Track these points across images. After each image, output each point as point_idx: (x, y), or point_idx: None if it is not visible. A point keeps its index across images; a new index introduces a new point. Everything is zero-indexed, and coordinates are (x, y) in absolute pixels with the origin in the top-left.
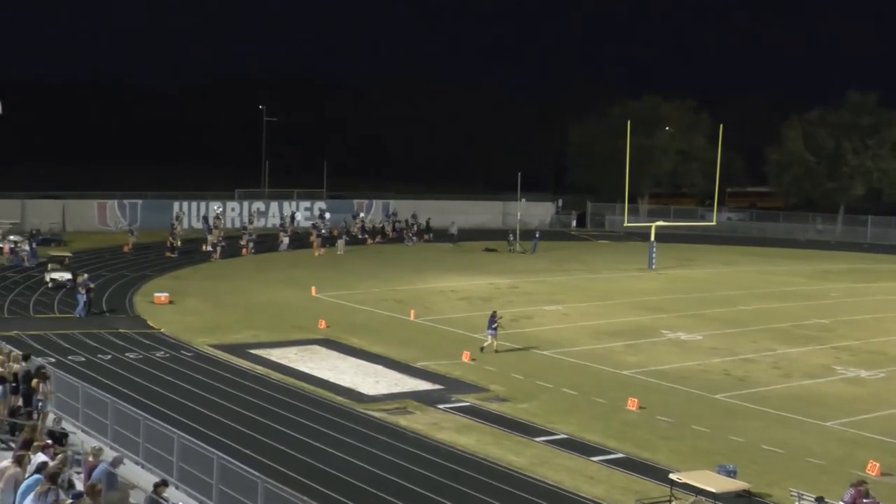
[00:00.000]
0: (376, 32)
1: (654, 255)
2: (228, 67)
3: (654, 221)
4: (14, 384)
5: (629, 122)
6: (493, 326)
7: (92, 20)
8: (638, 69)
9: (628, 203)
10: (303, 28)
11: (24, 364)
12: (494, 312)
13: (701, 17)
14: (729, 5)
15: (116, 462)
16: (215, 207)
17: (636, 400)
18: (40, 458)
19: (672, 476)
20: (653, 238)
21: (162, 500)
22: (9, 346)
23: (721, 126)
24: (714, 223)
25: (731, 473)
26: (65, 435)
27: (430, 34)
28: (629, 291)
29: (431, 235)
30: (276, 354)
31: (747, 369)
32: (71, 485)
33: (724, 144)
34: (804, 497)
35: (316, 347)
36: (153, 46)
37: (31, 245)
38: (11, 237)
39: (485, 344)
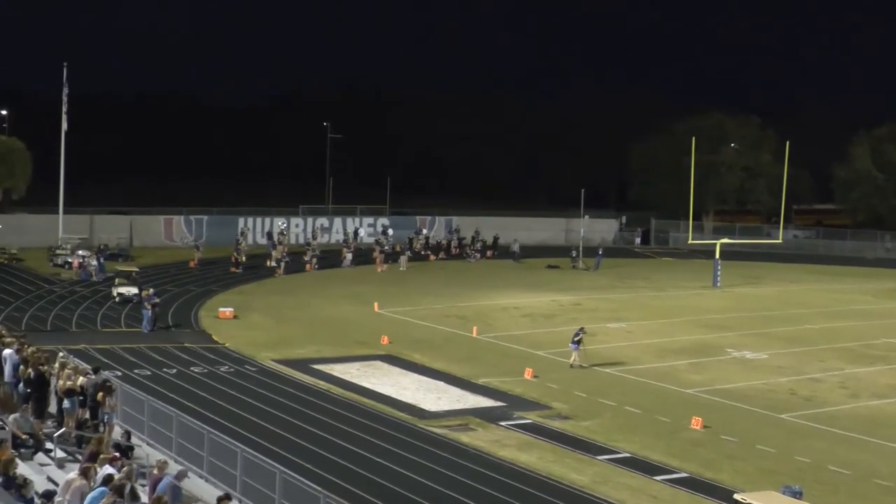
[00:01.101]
0: (439, 49)
1: (718, 273)
2: (294, 84)
3: (718, 239)
4: (81, 397)
5: (694, 138)
6: (576, 340)
7: (157, 38)
8: (702, 85)
9: (693, 220)
10: (367, 45)
11: (91, 377)
12: (582, 328)
13: (766, 33)
14: (793, 21)
15: (181, 475)
16: (279, 223)
17: (700, 419)
18: (106, 470)
19: (737, 496)
20: (717, 255)
21: None
22: (76, 360)
23: (787, 143)
24: (780, 241)
25: (797, 494)
26: (130, 448)
27: (492, 50)
28: (693, 309)
29: (496, 252)
30: (338, 370)
31: (814, 389)
32: (136, 497)
33: (790, 161)
34: None
35: (378, 363)
36: (219, 62)
37: (98, 260)
38: (80, 252)
39: (571, 360)
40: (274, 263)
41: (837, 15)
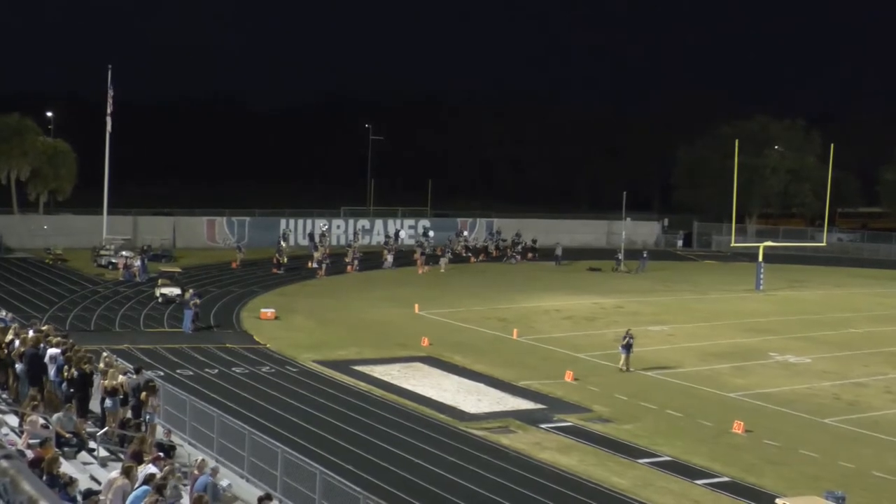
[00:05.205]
0: (485, 53)
1: (761, 276)
2: (337, 86)
3: (762, 242)
4: (122, 396)
5: (737, 141)
6: (626, 344)
7: (201, 42)
8: (747, 88)
9: (736, 223)
10: (409, 48)
11: (134, 377)
12: (628, 331)
13: (812, 35)
14: (839, 23)
15: (214, 472)
16: (321, 225)
17: (742, 423)
18: (149, 469)
19: (779, 502)
20: (761, 259)
21: None
22: (119, 359)
23: (832, 145)
24: (824, 244)
25: (841, 500)
26: (172, 447)
27: (537, 53)
28: (736, 313)
29: (537, 254)
30: (379, 371)
31: (858, 393)
32: (178, 497)
33: (835, 164)
34: None
35: (419, 365)
36: (262, 66)
37: (142, 261)
38: (123, 253)
39: (621, 363)
40: (315, 265)
41: (883, 17)
